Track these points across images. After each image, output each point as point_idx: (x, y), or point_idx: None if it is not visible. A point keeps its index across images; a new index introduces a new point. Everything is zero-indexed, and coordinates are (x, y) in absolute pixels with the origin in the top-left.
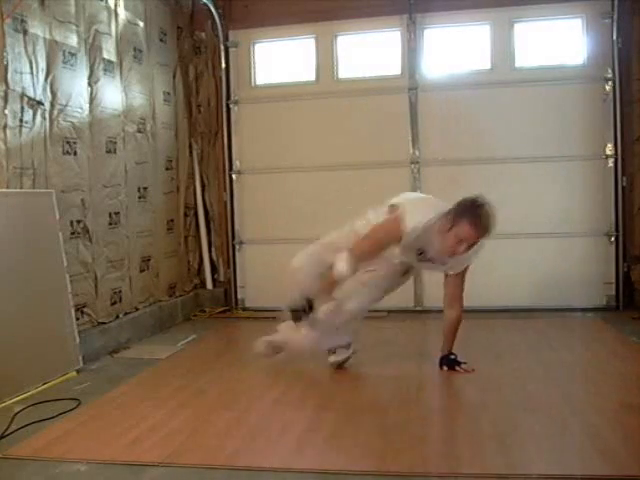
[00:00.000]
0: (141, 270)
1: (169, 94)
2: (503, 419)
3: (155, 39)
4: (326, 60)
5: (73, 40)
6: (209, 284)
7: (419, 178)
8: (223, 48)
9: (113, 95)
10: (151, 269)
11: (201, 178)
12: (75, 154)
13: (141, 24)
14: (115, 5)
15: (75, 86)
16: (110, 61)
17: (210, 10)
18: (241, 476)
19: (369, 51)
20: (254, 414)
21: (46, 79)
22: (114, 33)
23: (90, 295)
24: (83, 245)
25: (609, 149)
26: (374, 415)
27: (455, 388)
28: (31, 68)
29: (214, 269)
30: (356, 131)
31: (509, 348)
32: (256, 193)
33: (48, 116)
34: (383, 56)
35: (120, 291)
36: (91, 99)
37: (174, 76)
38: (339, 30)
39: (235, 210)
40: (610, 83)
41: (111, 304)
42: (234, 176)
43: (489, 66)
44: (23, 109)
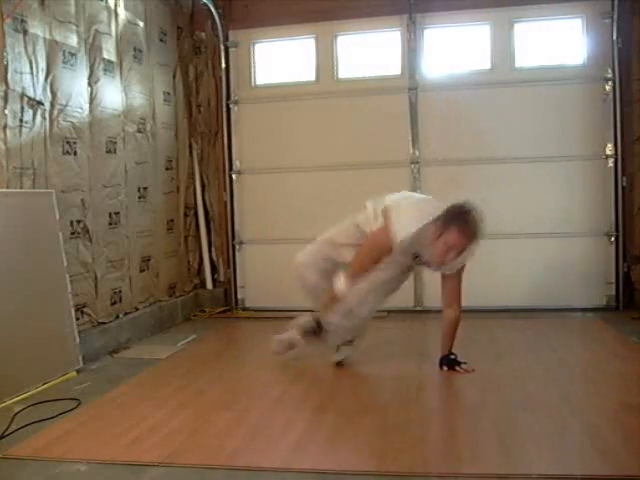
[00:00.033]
0: (141, 270)
1: (169, 94)
2: (503, 419)
3: (155, 39)
4: (326, 60)
5: (73, 40)
6: (209, 284)
7: (419, 178)
8: (223, 48)
9: (113, 95)
10: (151, 269)
11: (201, 178)
12: (75, 154)
13: (141, 24)
14: (115, 5)
15: (75, 86)
16: (110, 61)
17: (210, 10)
18: (241, 476)
19: (369, 51)
20: (254, 414)
21: (46, 79)
22: (114, 33)
23: (90, 295)
24: (83, 245)
25: (609, 149)
26: (374, 415)
27: (455, 388)
28: (31, 68)
29: (214, 269)
30: (356, 131)
31: (509, 348)
32: (256, 193)
33: (48, 116)
34: (383, 56)
35: (120, 291)
36: (91, 99)
37: (174, 76)
38: (339, 30)
39: (235, 210)
40: (610, 83)
41: (111, 304)
42: (234, 176)
43: (489, 66)
44: (23, 109)
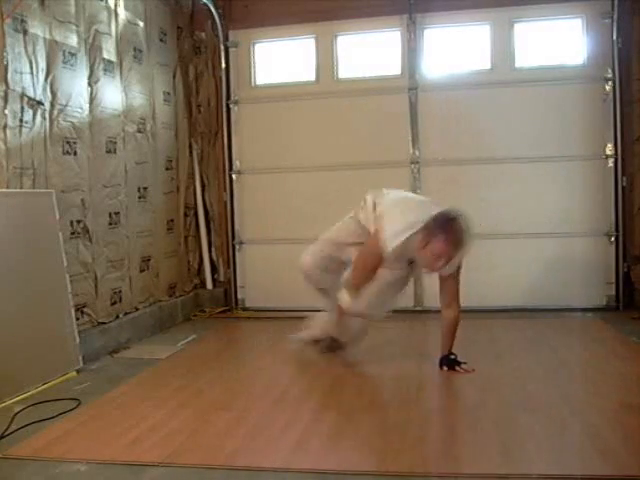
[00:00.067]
0: (141, 270)
1: (169, 94)
2: (503, 419)
3: (155, 39)
4: (326, 60)
5: (73, 40)
6: (209, 284)
7: (419, 178)
8: (223, 48)
9: (113, 95)
10: (151, 269)
11: (201, 178)
12: (75, 154)
13: (141, 24)
14: (115, 5)
15: (75, 86)
16: (110, 61)
17: (210, 10)
18: (241, 476)
19: (369, 51)
20: (254, 414)
21: (46, 79)
22: (114, 33)
23: (90, 295)
24: (83, 245)
25: (609, 149)
26: (374, 415)
27: (455, 388)
28: (31, 68)
29: (214, 269)
30: (356, 131)
31: (509, 348)
32: (256, 193)
33: (48, 116)
34: (383, 56)
35: (120, 291)
36: (91, 99)
37: (174, 76)
38: (339, 30)
39: (235, 210)
40: (610, 83)
41: (111, 304)
42: (234, 176)
43: (489, 66)
44: (23, 109)
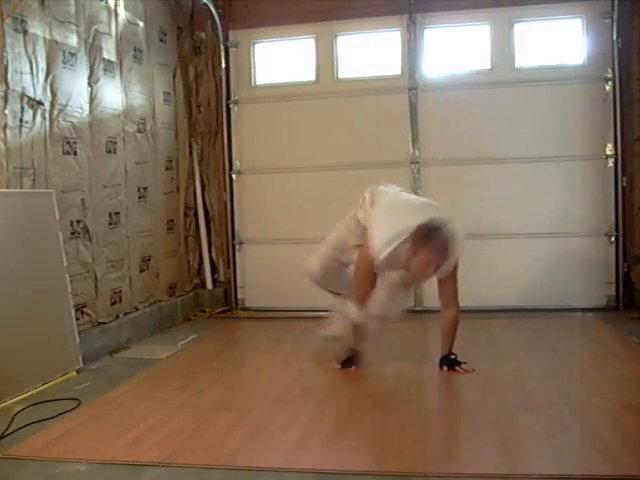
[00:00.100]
0: (141, 270)
1: (169, 94)
2: (503, 419)
3: (155, 39)
4: (326, 60)
5: (73, 40)
6: (209, 284)
7: (419, 178)
8: (223, 48)
9: (113, 95)
10: (151, 269)
11: (201, 178)
12: (75, 154)
13: (141, 24)
14: (115, 5)
15: (75, 86)
16: (110, 61)
17: (210, 10)
18: (241, 476)
19: (369, 51)
20: (254, 414)
21: (46, 79)
22: (114, 33)
23: (90, 295)
24: (83, 245)
25: (609, 149)
26: (374, 415)
27: (455, 388)
28: (31, 68)
29: (214, 269)
30: (356, 131)
31: (509, 348)
32: (256, 193)
33: (48, 116)
34: (383, 56)
35: (120, 291)
36: (91, 99)
37: (174, 76)
38: (339, 30)
39: (235, 210)
40: (610, 83)
41: (111, 304)
42: (234, 176)
43: (489, 66)
44: (23, 109)
